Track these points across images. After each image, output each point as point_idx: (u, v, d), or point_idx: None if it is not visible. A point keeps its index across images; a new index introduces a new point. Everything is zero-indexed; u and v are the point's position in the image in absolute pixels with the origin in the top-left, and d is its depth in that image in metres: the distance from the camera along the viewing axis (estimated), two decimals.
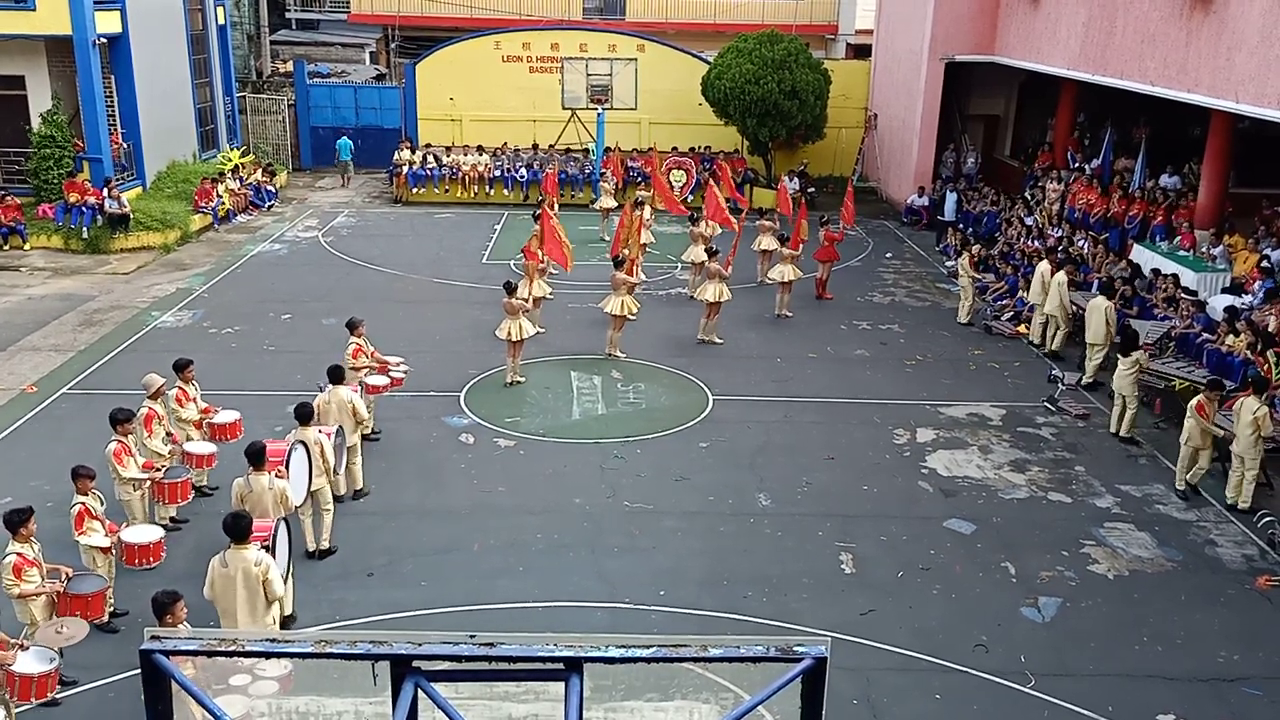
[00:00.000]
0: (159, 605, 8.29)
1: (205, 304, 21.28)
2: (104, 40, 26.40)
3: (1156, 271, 20.03)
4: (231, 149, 33.21)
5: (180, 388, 13.19)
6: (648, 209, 24.05)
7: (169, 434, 12.60)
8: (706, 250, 20.35)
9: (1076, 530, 13.14)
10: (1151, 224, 22.57)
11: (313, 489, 11.80)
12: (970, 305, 21.16)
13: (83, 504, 10.43)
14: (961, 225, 27.11)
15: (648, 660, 3.43)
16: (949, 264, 24.38)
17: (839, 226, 23.34)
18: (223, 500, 12.86)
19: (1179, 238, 21.33)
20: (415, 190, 31.77)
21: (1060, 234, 23.71)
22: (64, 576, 9.63)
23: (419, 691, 3.46)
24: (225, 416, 13.29)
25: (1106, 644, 10.87)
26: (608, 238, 25.62)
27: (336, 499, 12.73)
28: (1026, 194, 27.62)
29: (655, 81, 33.67)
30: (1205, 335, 17.33)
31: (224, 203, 28.64)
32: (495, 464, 14.55)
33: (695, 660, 3.48)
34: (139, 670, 3.40)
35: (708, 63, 32.13)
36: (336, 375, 13.10)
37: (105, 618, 10.24)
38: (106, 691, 9.71)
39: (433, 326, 19.96)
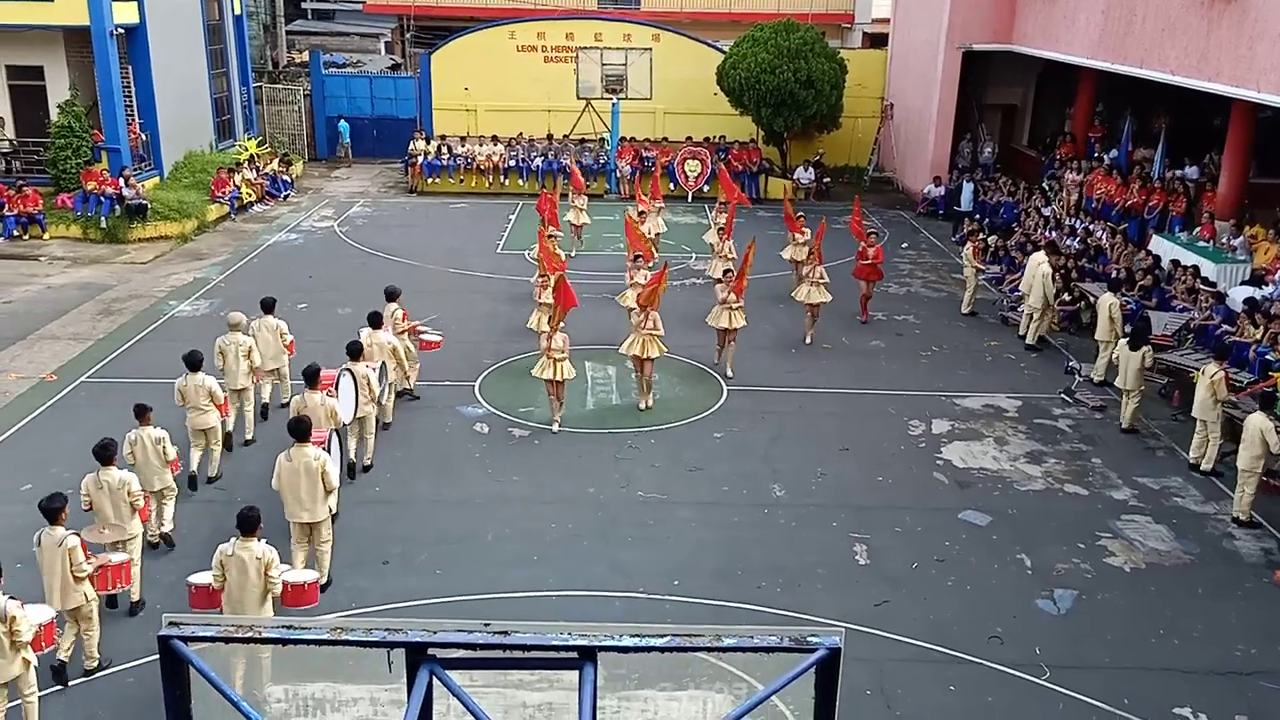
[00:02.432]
0: (246, 520, 9.24)
1: (222, 293, 21.34)
2: (121, 31, 26.50)
3: (1176, 263, 19.92)
4: (248, 139, 33.30)
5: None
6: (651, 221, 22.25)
7: (253, 368, 14.49)
8: (723, 271, 18.15)
9: (1093, 523, 13.09)
10: (1171, 215, 22.44)
11: (359, 415, 13.53)
12: (973, 295, 21.10)
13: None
14: (978, 216, 26.99)
15: (662, 650, 3.44)
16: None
17: (880, 238, 20.91)
18: (237, 489, 13.02)
19: (1199, 229, 21.21)
20: (430, 180, 31.81)
21: (1079, 225, 23.62)
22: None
23: (434, 679, 3.47)
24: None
25: (1123, 637, 10.83)
26: (575, 253, 23.17)
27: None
28: (1044, 184, 27.50)
29: (670, 71, 33.66)
30: (1225, 327, 17.23)
31: (240, 194, 28.71)
32: (509, 454, 14.57)
33: (709, 650, 3.49)
34: (158, 655, 3.42)
35: (723, 52, 32.06)
36: (375, 320, 14.77)
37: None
38: (125, 676, 9.77)
39: (448, 316, 19.95)
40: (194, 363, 13.09)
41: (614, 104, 31.94)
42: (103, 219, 25.34)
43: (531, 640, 3.42)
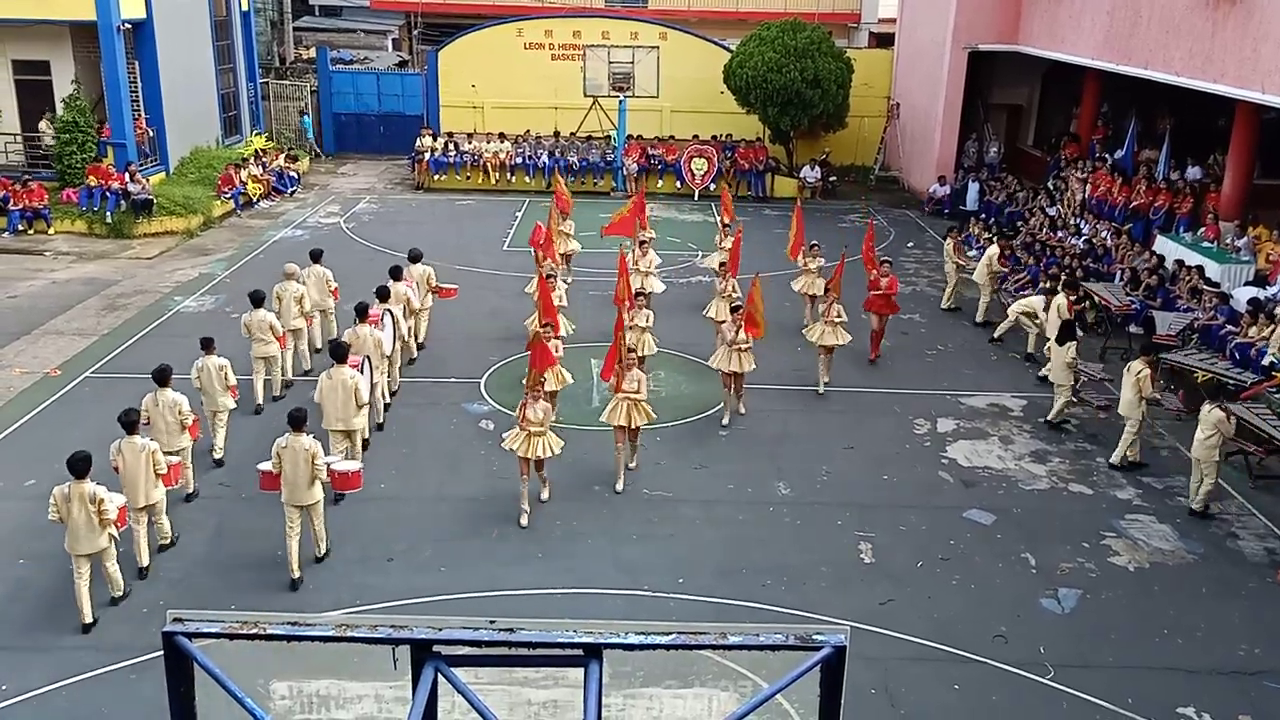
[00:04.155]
0: (295, 419, 11.22)
1: (227, 289, 21.36)
2: (128, 26, 26.50)
3: (1180, 263, 19.91)
4: (255, 135, 33.31)
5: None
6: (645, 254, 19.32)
7: (304, 311, 16.64)
8: (732, 309, 16.03)
9: (1097, 522, 13.09)
10: (1176, 215, 22.42)
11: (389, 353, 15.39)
12: (954, 290, 21.19)
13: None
14: (983, 215, 27.00)
15: (667, 647, 3.44)
16: (970, 254, 24.28)
17: (889, 269, 18.31)
18: (243, 487, 13.05)
19: (1203, 229, 21.19)
20: (437, 177, 31.83)
21: (1084, 225, 23.60)
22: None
23: (439, 676, 3.47)
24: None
25: (1126, 636, 10.83)
26: (568, 282, 19.28)
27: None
28: (1049, 184, 27.47)
29: (677, 69, 33.65)
30: (1229, 327, 17.22)
31: (246, 190, 28.74)
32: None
33: (714, 648, 3.50)
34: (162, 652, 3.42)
35: (730, 51, 32.05)
36: (396, 273, 16.90)
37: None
38: (129, 673, 9.79)
39: (453, 313, 19.97)
40: (257, 300, 15.48)
41: (620, 102, 31.93)
42: (108, 214, 25.36)
43: (537, 637, 3.42)
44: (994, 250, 20.21)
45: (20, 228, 25.03)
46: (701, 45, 34.10)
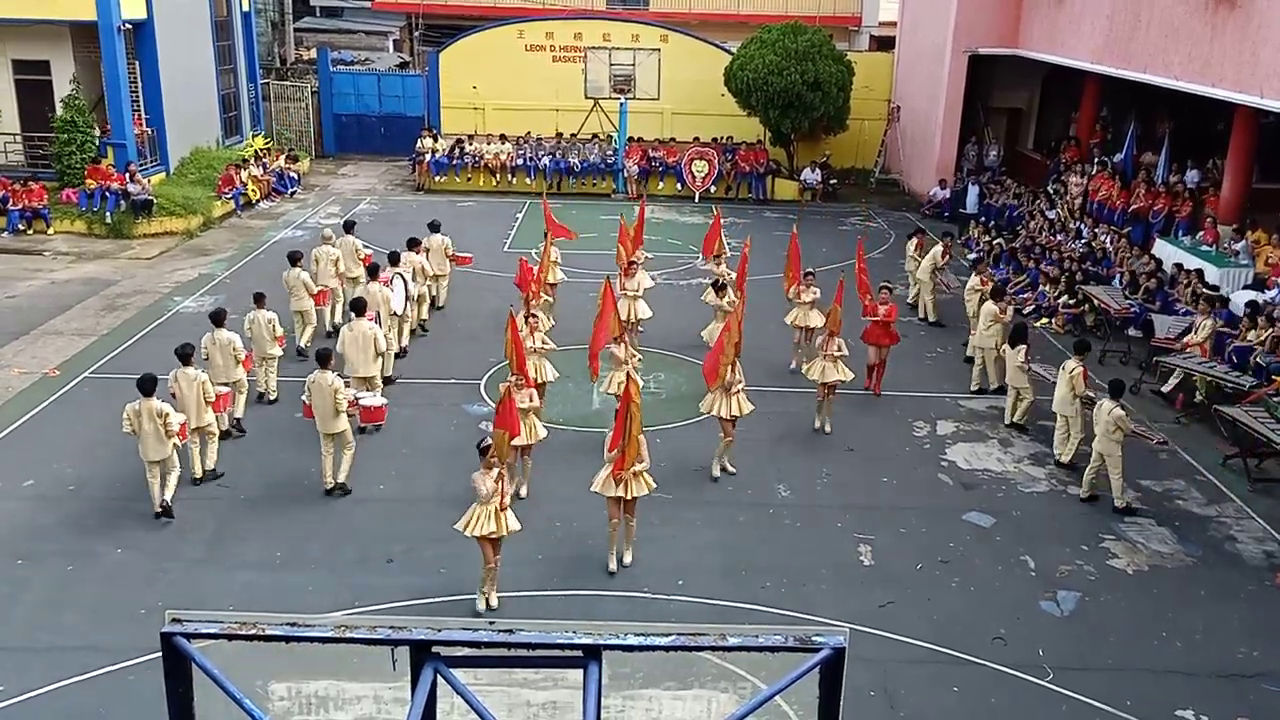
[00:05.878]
0: (322, 357, 12.88)
1: (227, 289, 21.36)
2: (129, 26, 26.50)
3: (1179, 266, 19.92)
4: (256, 134, 33.31)
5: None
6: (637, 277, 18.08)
7: (338, 273, 18.54)
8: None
9: (1096, 524, 13.09)
10: (1176, 219, 22.43)
11: (399, 312, 17.13)
12: (917, 292, 21.18)
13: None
14: (983, 218, 27.03)
15: (666, 649, 3.44)
16: (970, 256, 24.30)
17: (890, 294, 17.09)
18: (241, 489, 13.02)
19: (1201, 233, 21.20)
20: (438, 178, 31.86)
21: (1084, 228, 23.61)
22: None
23: (438, 677, 3.47)
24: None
25: (1125, 639, 10.83)
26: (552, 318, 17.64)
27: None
28: (1049, 187, 27.49)
29: (678, 72, 33.68)
30: (1227, 330, 17.22)
31: (246, 190, 28.74)
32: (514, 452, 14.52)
33: (714, 649, 3.49)
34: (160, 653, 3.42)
35: (731, 53, 32.06)
36: (413, 244, 19.04)
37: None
38: (126, 675, 9.77)
39: (453, 314, 20.00)
40: (294, 259, 17.56)
41: (621, 104, 31.95)
42: (108, 214, 25.37)
43: (536, 638, 3.42)
44: (938, 249, 20.51)
45: (20, 228, 25.04)
46: (702, 48, 34.14)
